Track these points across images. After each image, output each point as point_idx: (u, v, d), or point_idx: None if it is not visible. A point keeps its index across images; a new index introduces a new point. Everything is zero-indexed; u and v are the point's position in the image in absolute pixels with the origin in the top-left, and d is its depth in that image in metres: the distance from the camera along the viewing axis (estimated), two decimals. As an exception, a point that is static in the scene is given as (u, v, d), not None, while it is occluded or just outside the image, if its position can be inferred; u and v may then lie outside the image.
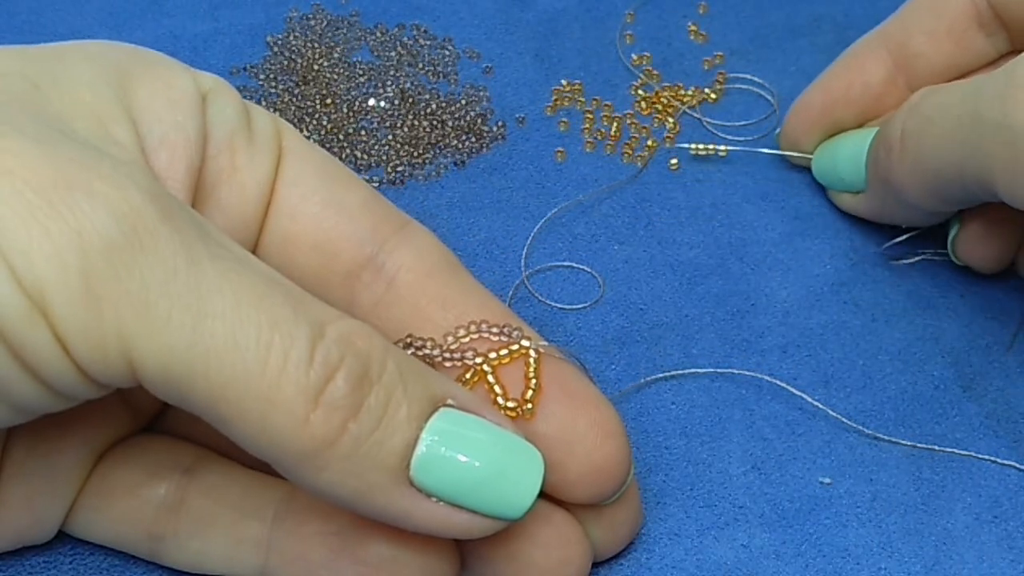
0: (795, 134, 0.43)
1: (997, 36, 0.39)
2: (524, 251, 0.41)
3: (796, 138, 0.43)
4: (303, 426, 0.25)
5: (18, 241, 0.24)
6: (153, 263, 0.25)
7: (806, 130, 0.42)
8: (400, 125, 0.45)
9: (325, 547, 0.30)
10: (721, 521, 0.34)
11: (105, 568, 0.32)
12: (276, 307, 0.26)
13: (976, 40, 0.39)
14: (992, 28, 0.39)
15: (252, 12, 0.49)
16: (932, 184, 0.36)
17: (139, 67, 0.30)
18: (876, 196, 0.40)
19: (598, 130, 0.45)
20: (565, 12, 0.50)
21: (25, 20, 0.48)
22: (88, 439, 0.31)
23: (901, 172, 0.37)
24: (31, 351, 0.24)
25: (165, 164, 0.29)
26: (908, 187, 0.37)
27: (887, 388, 0.38)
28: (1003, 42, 0.39)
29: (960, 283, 0.40)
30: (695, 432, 0.36)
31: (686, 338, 0.39)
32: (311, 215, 0.32)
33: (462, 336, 0.31)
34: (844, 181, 0.41)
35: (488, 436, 0.27)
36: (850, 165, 0.40)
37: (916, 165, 0.36)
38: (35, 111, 0.27)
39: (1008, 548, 0.34)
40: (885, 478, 0.35)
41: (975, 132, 0.33)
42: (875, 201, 0.40)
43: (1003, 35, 0.39)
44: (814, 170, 0.43)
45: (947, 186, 0.35)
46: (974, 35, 0.39)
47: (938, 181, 0.35)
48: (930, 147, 0.35)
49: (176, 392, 0.25)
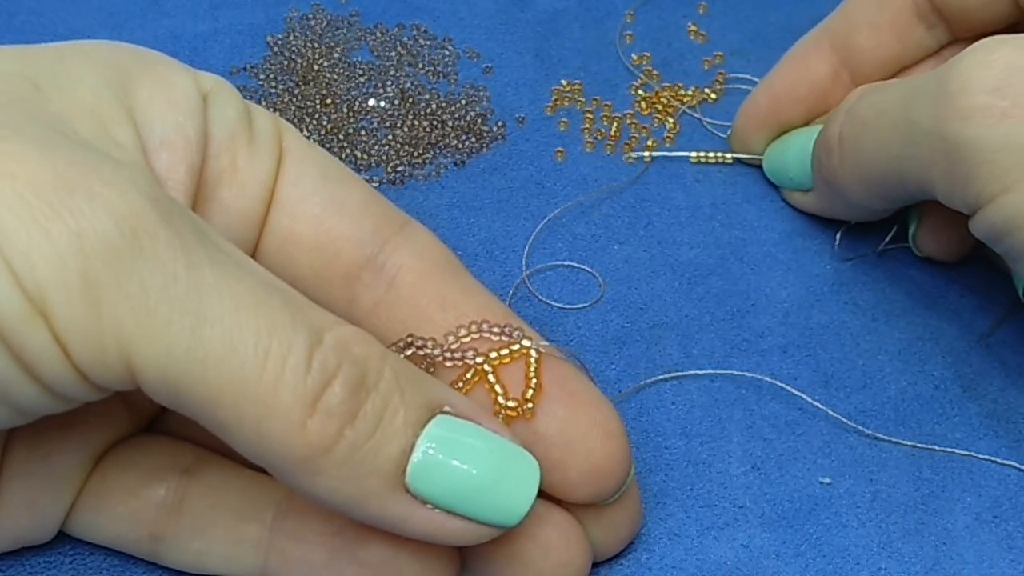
0: (745, 135, 0.43)
1: (938, 28, 0.39)
2: (524, 251, 0.41)
3: (746, 139, 0.43)
4: (300, 432, 0.25)
5: (19, 243, 0.24)
6: (153, 267, 0.25)
7: (755, 131, 0.43)
8: (400, 125, 0.45)
9: (325, 548, 0.30)
10: (721, 521, 0.34)
11: (105, 568, 0.32)
12: (274, 312, 0.26)
13: (917, 33, 0.40)
14: (932, 20, 0.39)
15: (252, 12, 0.49)
16: (874, 186, 0.36)
17: (140, 67, 0.30)
18: (823, 195, 0.40)
19: (598, 130, 0.45)
20: (565, 12, 0.50)
21: (25, 20, 0.48)
22: (88, 440, 0.31)
23: (842, 174, 0.37)
24: (31, 353, 0.24)
25: (166, 165, 0.29)
26: (850, 188, 0.37)
27: (887, 388, 0.38)
28: (944, 33, 0.39)
29: (960, 283, 0.40)
30: (695, 432, 0.36)
31: (686, 338, 0.39)
32: (312, 215, 0.32)
33: (463, 336, 0.31)
34: (793, 180, 0.41)
35: (485, 443, 0.27)
36: (798, 164, 0.41)
37: (856, 168, 0.36)
38: (35, 112, 0.27)
39: (1008, 548, 0.34)
40: (885, 478, 0.35)
41: (911, 138, 0.33)
42: (823, 199, 0.40)
43: (943, 27, 0.39)
44: (765, 170, 0.43)
45: (888, 187, 0.36)
46: (915, 28, 0.39)
47: (879, 183, 0.36)
48: (868, 151, 0.35)
49: (174, 396, 0.25)
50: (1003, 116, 0.30)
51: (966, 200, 0.32)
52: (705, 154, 0.44)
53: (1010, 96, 0.30)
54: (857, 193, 0.37)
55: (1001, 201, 0.31)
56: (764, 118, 0.42)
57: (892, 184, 0.35)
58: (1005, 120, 0.30)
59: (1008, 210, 0.31)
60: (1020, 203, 0.30)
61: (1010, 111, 0.30)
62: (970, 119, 0.31)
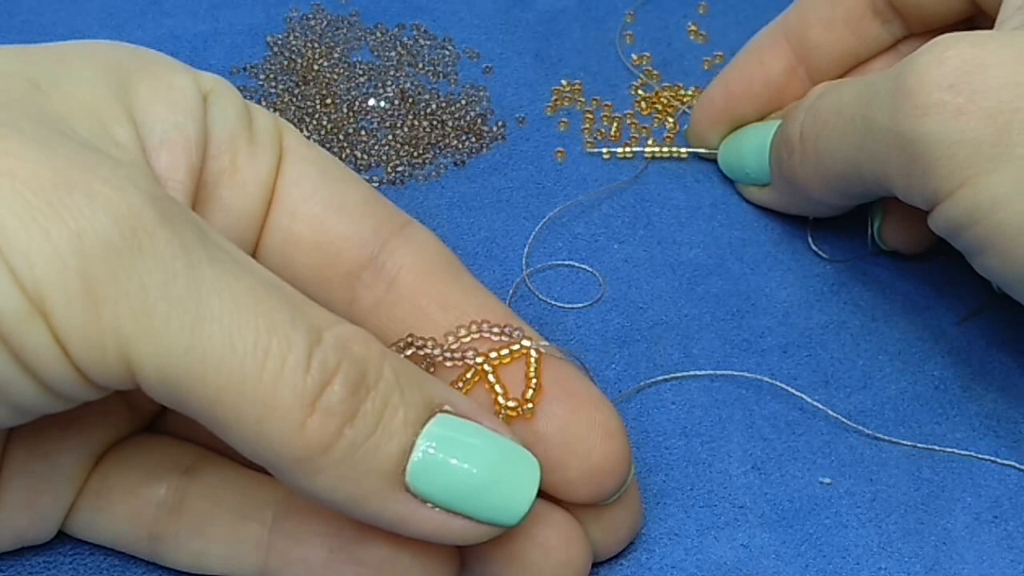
0: (700, 130, 0.43)
1: (892, 23, 0.40)
2: (524, 250, 0.41)
3: (702, 134, 0.43)
4: (299, 431, 0.25)
5: (18, 242, 0.24)
6: (152, 266, 0.25)
7: (711, 126, 0.43)
8: (400, 125, 0.45)
9: (324, 548, 0.30)
10: (721, 521, 0.34)
11: (105, 568, 0.32)
12: (274, 311, 0.26)
13: (872, 27, 0.40)
14: (887, 15, 0.39)
15: (252, 12, 0.49)
16: (833, 183, 0.36)
17: (140, 67, 0.30)
18: (781, 190, 0.40)
19: (598, 130, 0.45)
20: (565, 12, 0.50)
21: (25, 20, 0.48)
22: (88, 439, 0.31)
23: (803, 172, 0.37)
24: (30, 352, 0.24)
25: (166, 164, 0.29)
26: (810, 185, 0.37)
27: (887, 388, 0.38)
28: (898, 28, 0.40)
29: (960, 283, 0.40)
30: (695, 432, 0.36)
31: (686, 337, 0.39)
32: (312, 215, 0.32)
33: (463, 336, 0.31)
34: (749, 175, 0.42)
35: (485, 442, 0.27)
36: (754, 159, 0.41)
37: (816, 165, 0.37)
38: (35, 111, 0.27)
39: (1008, 548, 0.34)
40: (885, 478, 0.35)
41: (868, 136, 0.33)
42: (782, 195, 0.41)
43: (898, 22, 0.39)
44: (720, 164, 0.43)
45: (848, 184, 0.36)
46: (870, 23, 0.40)
47: (839, 180, 0.36)
48: (828, 149, 0.36)
49: (174, 395, 0.25)
50: (958, 112, 0.31)
51: (924, 196, 0.32)
52: (660, 148, 0.44)
53: (965, 92, 0.31)
54: (817, 190, 0.37)
55: (958, 196, 0.31)
56: (719, 113, 0.42)
57: (852, 181, 0.35)
58: (960, 116, 0.30)
59: (965, 204, 0.31)
60: (977, 197, 0.31)
61: (965, 107, 0.30)
62: (926, 116, 0.31)
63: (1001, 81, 0.30)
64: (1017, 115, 0.30)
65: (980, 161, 0.30)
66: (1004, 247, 0.31)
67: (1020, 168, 0.30)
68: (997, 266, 0.32)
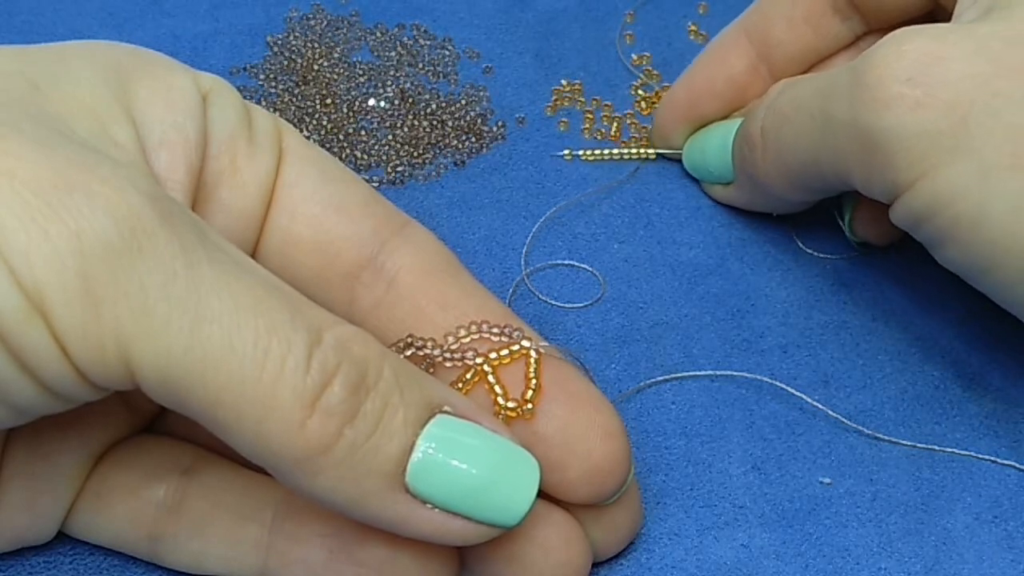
0: (664, 130, 0.43)
1: (852, 19, 0.40)
2: (524, 250, 0.41)
3: (666, 133, 0.43)
4: (299, 431, 0.25)
5: (17, 242, 0.24)
6: (152, 266, 0.25)
7: (674, 125, 0.43)
8: (400, 125, 0.45)
9: (324, 548, 0.30)
10: (721, 521, 0.34)
11: (105, 568, 0.32)
12: (273, 312, 0.26)
13: (833, 25, 0.40)
14: (847, 12, 0.39)
15: (252, 12, 0.49)
16: (795, 178, 0.36)
17: (139, 67, 0.30)
18: (744, 188, 0.41)
19: (598, 130, 0.45)
20: (565, 12, 0.50)
21: (25, 20, 0.48)
22: (88, 440, 0.31)
23: (764, 168, 0.37)
24: (30, 352, 0.24)
25: (165, 165, 0.29)
26: (773, 182, 0.38)
27: (887, 388, 0.38)
28: (859, 25, 0.40)
29: (960, 283, 0.40)
30: (695, 432, 0.36)
31: (686, 337, 0.39)
32: (312, 215, 0.32)
33: (463, 336, 0.31)
34: (713, 174, 0.42)
35: (484, 443, 0.27)
36: (718, 157, 0.41)
37: (777, 161, 0.37)
38: (35, 111, 0.27)
39: (1008, 548, 0.34)
40: (885, 478, 0.35)
41: (828, 130, 0.33)
42: (744, 192, 0.41)
43: (858, 18, 0.40)
44: (685, 163, 0.43)
45: (809, 180, 0.36)
46: (830, 20, 0.40)
47: (800, 175, 0.36)
48: (788, 144, 0.36)
49: (173, 396, 0.25)
50: (916, 105, 0.31)
51: (884, 188, 0.32)
52: (629, 150, 0.44)
53: (923, 85, 0.31)
54: (779, 186, 0.38)
55: (918, 187, 0.31)
56: (683, 112, 0.42)
57: (812, 176, 0.35)
58: (919, 109, 0.30)
59: (924, 196, 0.31)
60: (936, 189, 0.31)
61: (923, 100, 0.30)
62: (885, 109, 0.31)
63: (959, 73, 0.30)
64: (975, 107, 0.30)
65: (939, 153, 0.30)
66: (963, 238, 0.31)
67: (978, 160, 0.30)
68: (958, 257, 0.32)
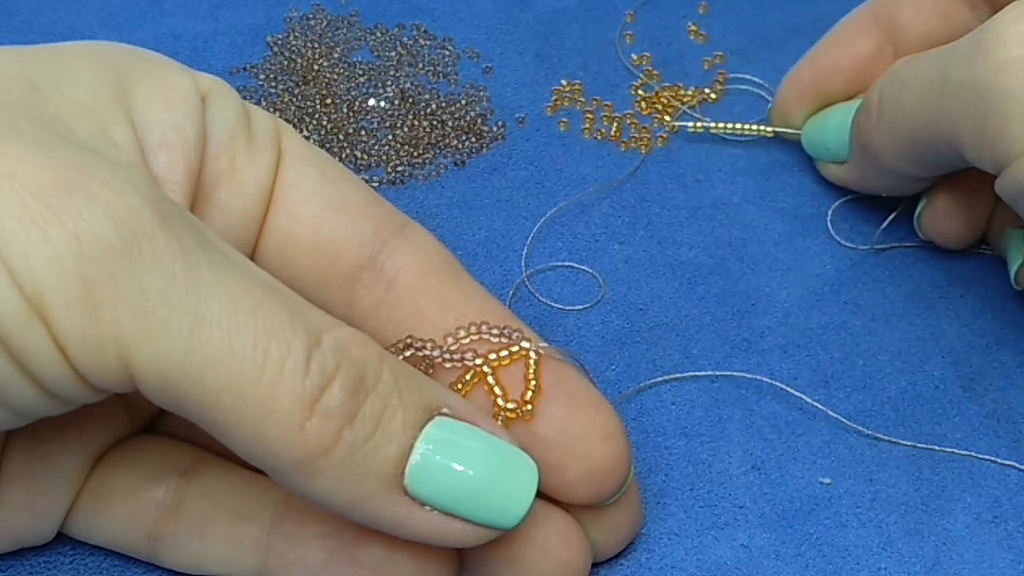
0: (786, 107, 0.43)
1: (981, 9, 0.40)
2: (524, 251, 0.41)
3: (787, 112, 0.44)
4: (298, 434, 0.25)
5: (17, 244, 0.24)
6: (151, 268, 0.25)
7: (796, 104, 0.43)
8: (400, 125, 0.45)
9: (323, 549, 0.30)
10: (721, 521, 0.34)
11: (105, 568, 0.32)
12: (273, 314, 0.26)
13: (962, 13, 0.40)
14: (977, 1, 0.40)
15: (252, 12, 0.49)
16: (906, 148, 0.36)
17: (138, 68, 0.30)
18: (858, 164, 0.41)
19: (598, 130, 0.45)
20: (565, 12, 0.50)
21: (25, 20, 0.48)
22: (87, 441, 0.31)
23: (879, 136, 0.38)
24: (29, 355, 0.24)
25: (164, 165, 0.29)
26: (885, 151, 0.38)
27: (887, 388, 0.38)
28: (986, 14, 0.40)
29: (960, 283, 0.40)
30: (695, 432, 0.36)
31: (686, 338, 0.39)
32: (311, 216, 0.32)
33: (462, 337, 0.31)
34: (830, 151, 0.42)
35: (483, 445, 0.27)
36: (836, 135, 0.41)
37: (892, 129, 0.37)
38: (34, 113, 0.27)
39: (1008, 548, 0.34)
40: (885, 478, 0.35)
41: (944, 94, 0.33)
42: (857, 169, 0.41)
43: (986, 9, 0.40)
44: (803, 141, 0.43)
45: (920, 149, 0.36)
46: (960, 8, 0.40)
47: (912, 144, 0.36)
48: (904, 110, 0.36)
49: (173, 398, 0.25)
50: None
51: (995, 156, 0.32)
52: (745, 126, 0.44)
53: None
54: (891, 157, 0.37)
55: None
56: (806, 90, 0.43)
57: (924, 144, 0.35)
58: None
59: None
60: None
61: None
62: (1003, 71, 0.31)
63: None
64: None
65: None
66: None
67: None
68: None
